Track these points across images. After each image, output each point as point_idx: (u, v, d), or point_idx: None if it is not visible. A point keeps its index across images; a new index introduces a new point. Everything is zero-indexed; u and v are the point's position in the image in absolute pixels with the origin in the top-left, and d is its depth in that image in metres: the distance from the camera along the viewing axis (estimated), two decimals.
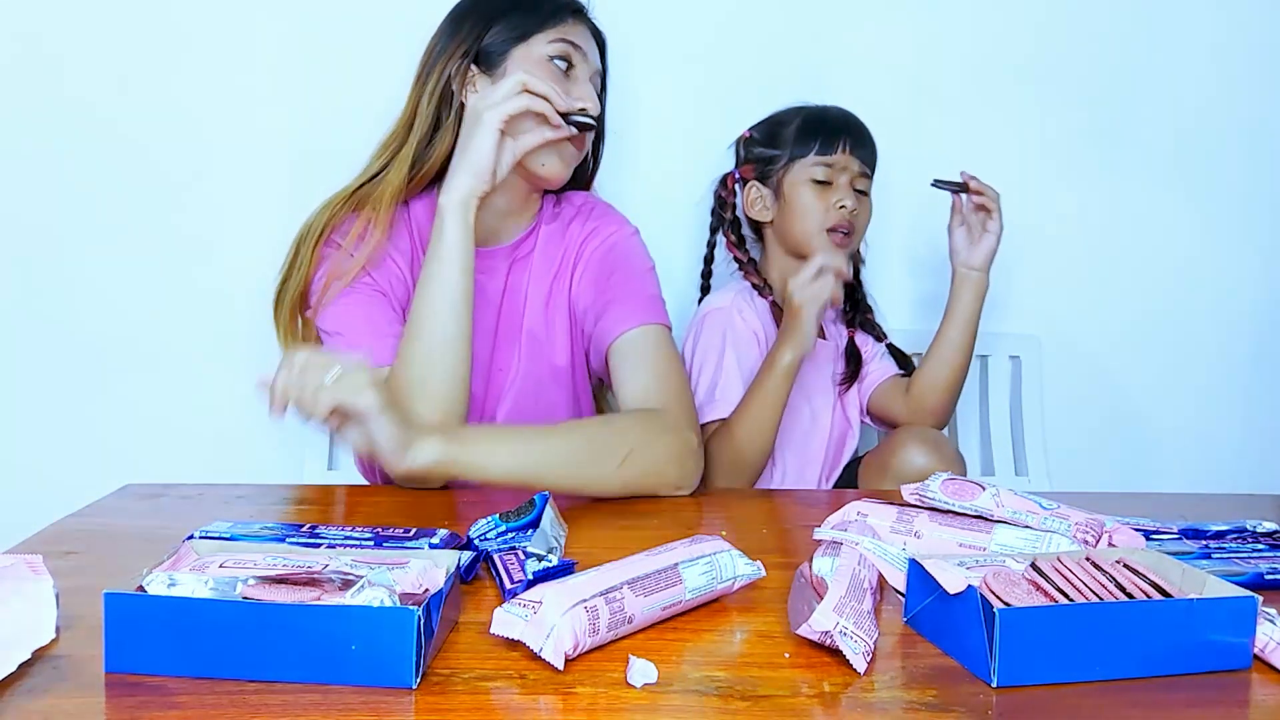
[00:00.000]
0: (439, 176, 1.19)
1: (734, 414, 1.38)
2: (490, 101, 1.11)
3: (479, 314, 1.26)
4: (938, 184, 1.42)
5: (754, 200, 1.54)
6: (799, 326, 1.32)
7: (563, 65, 1.22)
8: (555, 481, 1.02)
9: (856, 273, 1.58)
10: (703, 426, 1.35)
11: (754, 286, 1.52)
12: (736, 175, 1.57)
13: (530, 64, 1.21)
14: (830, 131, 1.48)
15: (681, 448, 1.13)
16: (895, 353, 1.59)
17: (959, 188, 1.42)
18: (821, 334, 1.54)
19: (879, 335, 1.59)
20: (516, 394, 1.29)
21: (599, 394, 1.42)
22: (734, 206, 1.58)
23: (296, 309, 1.24)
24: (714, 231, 1.60)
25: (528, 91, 1.11)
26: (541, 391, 1.30)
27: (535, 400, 1.30)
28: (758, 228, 1.58)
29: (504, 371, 1.29)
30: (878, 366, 1.57)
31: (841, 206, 1.45)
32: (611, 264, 1.28)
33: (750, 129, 1.57)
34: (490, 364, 1.29)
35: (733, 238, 1.57)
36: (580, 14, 1.27)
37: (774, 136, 1.52)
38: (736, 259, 1.56)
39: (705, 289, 1.62)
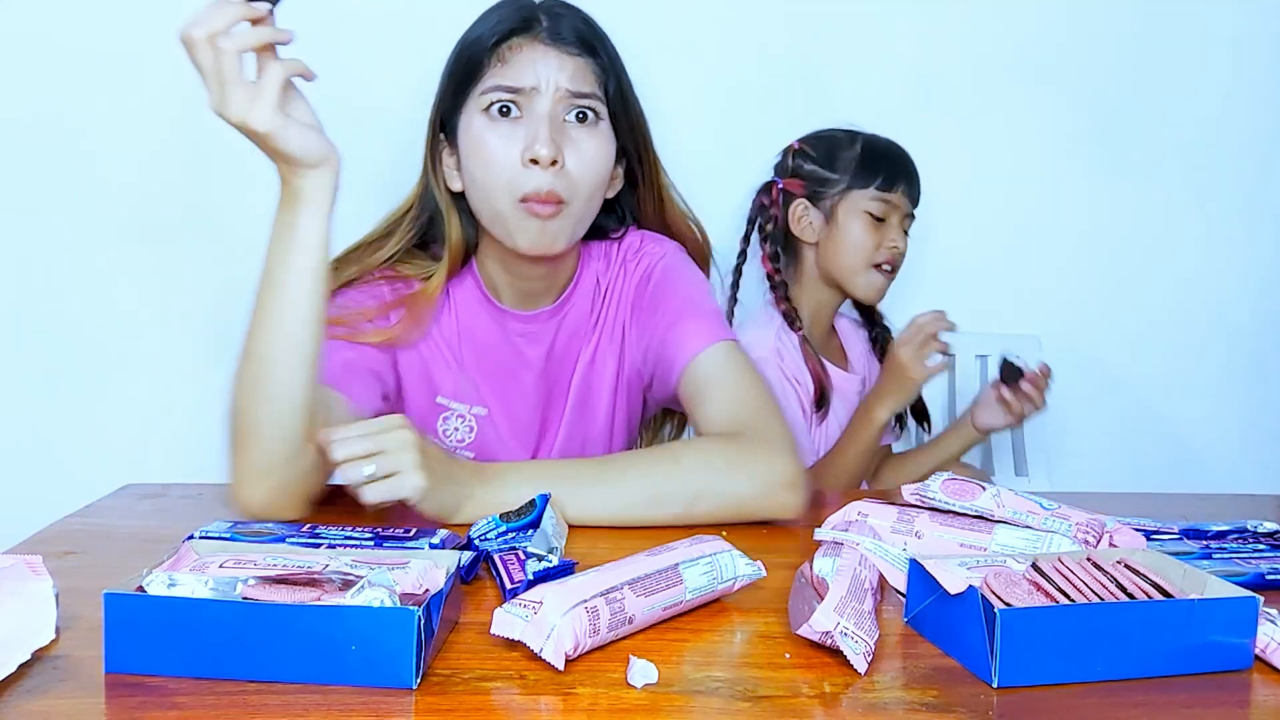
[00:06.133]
0: (468, 255, 1.15)
1: (822, 463, 1.41)
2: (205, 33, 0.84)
3: (519, 381, 1.20)
4: (1006, 366, 1.44)
5: (801, 218, 1.47)
6: (904, 390, 1.35)
7: (505, 114, 1.06)
8: (609, 525, 0.96)
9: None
10: None
11: (785, 316, 1.46)
12: (780, 185, 1.49)
13: (470, 132, 1.08)
14: (891, 167, 1.44)
15: (773, 478, 0.98)
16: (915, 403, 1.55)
17: (1018, 375, 1.43)
18: (843, 358, 1.54)
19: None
20: (560, 454, 1.24)
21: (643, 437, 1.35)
22: (777, 219, 1.49)
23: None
24: (747, 240, 1.53)
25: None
26: (587, 449, 1.24)
27: (580, 456, 1.25)
28: (792, 246, 1.50)
29: (551, 433, 1.23)
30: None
31: (894, 245, 1.44)
32: (655, 295, 1.18)
33: (801, 141, 1.49)
34: (542, 429, 1.22)
35: (768, 251, 1.49)
36: (528, 29, 1.06)
37: (831, 158, 1.45)
38: (770, 277, 1.49)
39: (734, 300, 1.53)
